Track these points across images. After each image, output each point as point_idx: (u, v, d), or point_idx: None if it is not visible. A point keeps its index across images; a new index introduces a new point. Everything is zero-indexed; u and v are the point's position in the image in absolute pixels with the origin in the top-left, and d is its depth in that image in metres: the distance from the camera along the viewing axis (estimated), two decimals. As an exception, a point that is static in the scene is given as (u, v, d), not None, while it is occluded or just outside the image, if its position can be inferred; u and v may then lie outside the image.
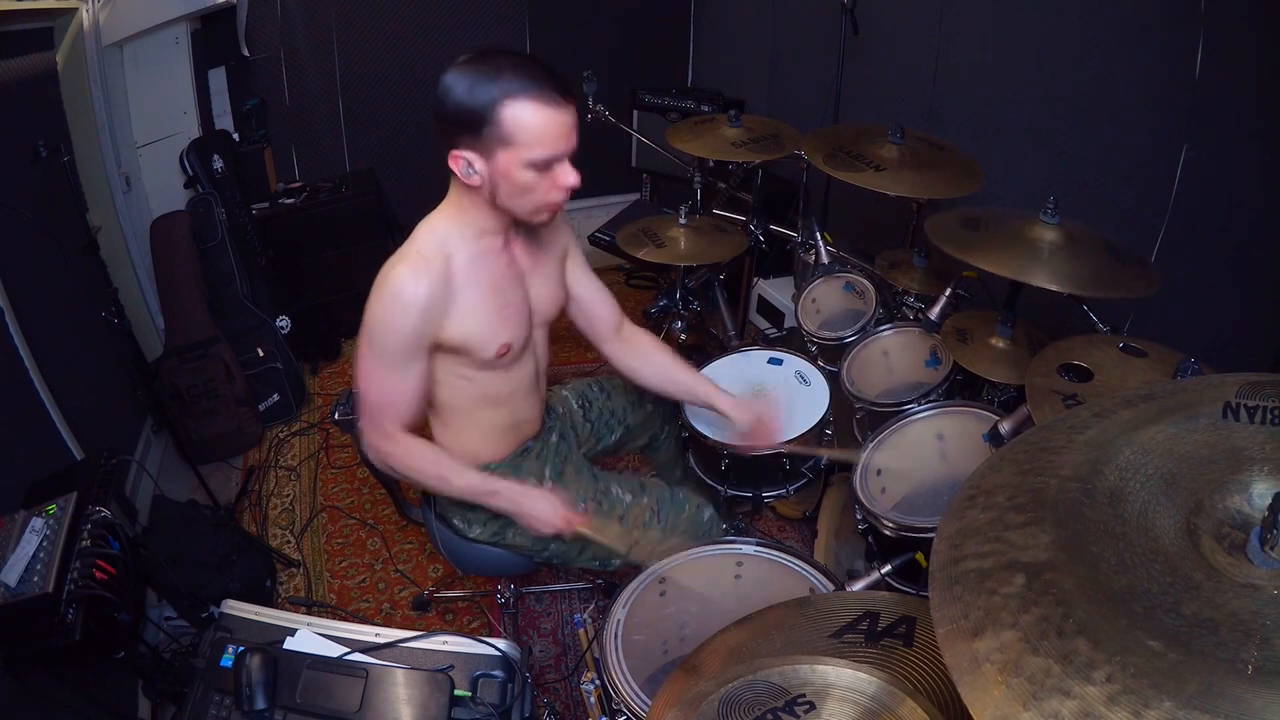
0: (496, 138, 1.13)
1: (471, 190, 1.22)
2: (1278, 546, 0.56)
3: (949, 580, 0.62)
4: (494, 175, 1.17)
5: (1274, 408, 0.68)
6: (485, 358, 1.32)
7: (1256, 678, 0.48)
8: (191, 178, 2.70)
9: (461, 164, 1.17)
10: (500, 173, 1.16)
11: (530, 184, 1.17)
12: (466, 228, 1.27)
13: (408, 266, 1.22)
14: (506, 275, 1.33)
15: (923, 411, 1.55)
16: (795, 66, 3.05)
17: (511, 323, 1.34)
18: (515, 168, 1.15)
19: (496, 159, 1.15)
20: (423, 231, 1.27)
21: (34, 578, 1.22)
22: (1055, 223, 1.40)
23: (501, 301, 1.31)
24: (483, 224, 1.27)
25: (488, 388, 1.39)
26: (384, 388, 1.28)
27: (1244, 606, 0.54)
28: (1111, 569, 0.59)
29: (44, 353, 1.87)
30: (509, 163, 1.15)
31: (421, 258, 1.23)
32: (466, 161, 1.17)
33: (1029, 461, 0.71)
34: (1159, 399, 0.74)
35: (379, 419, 1.30)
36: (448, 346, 1.29)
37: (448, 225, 1.27)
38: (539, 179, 1.17)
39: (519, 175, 1.16)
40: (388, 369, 1.26)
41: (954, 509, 0.69)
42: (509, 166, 1.15)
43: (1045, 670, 0.52)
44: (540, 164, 1.16)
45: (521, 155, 1.14)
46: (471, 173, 1.18)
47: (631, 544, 1.41)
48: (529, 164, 1.15)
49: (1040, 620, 0.55)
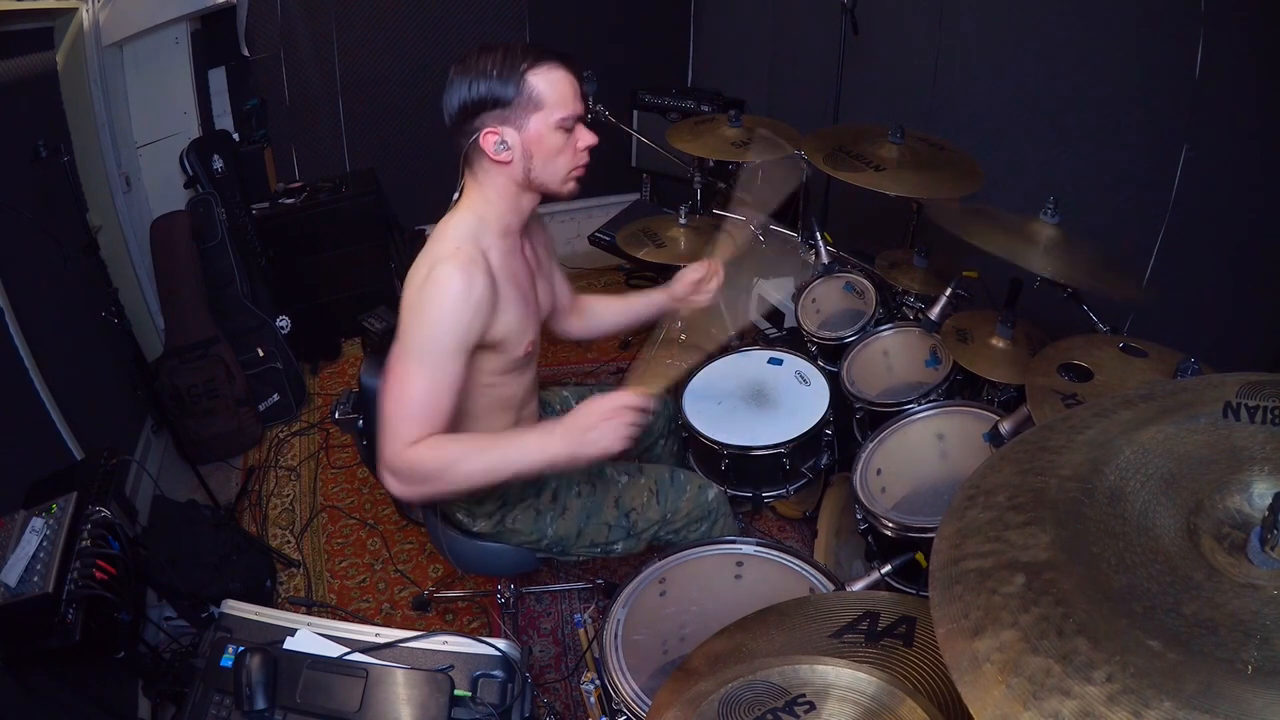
0: (528, 103, 1.20)
1: (497, 180, 1.25)
2: (1278, 546, 0.56)
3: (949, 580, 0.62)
4: (527, 144, 1.22)
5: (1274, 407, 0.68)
6: (516, 356, 1.34)
7: (1256, 678, 0.48)
8: (191, 178, 2.71)
9: (493, 141, 1.21)
10: (534, 138, 1.22)
11: (560, 146, 1.24)
12: (494, 223, 1.28)
13: (455, 264, 1.20)
14: (525, 274, 1.37)
15: (923, 411, 1.55)
16: (795, 66, 3.05)
17: (533, 321, 1.37)
18: (547, 130, 1.22)
19: (529, 126, 1.21)
20: (452, 231, 1.26)
21: (34, 578, 1.22)
22: (1055, 222, 1.40)
23: (525, 300, 1.34)
24: (507, 220, 1.30)
25: (505, 391, 1.39)
26: (424, 392, 1.21)
27: (1244, 606, 0.54)
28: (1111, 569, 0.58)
29: (44, 353, 1.87)
30: (541, 126, 1.21)
31: (464, 254, 1.22)
32: (499, 137, 1.21)
33: (1029, 461, 0.71)
34: (1159, 399, 0.73)
35: (410, 428, 1.21)
36: (489, 344, 1.28)
37: (477, 224, 1.27)
38: (566, 141, 1.25)
39: (550, 138, 1.23)
40: (433, 370, 1.21)
41: (954, 509, 0.69)
42: (541, 130, 1.22)
43: (1045, 670, 0.52)
44: (568, 123, 1.23)
45: (552, 116, 1.21)
46: (503, 148, 1.22)
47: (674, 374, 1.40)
48: (559, 124, 1.22)
49: (1040, 620, 0.55)
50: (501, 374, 1.36)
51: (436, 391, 1.22)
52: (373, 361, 1.60)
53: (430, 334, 1.21)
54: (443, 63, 1.20)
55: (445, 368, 1.22)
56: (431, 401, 1.22)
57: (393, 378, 1.23)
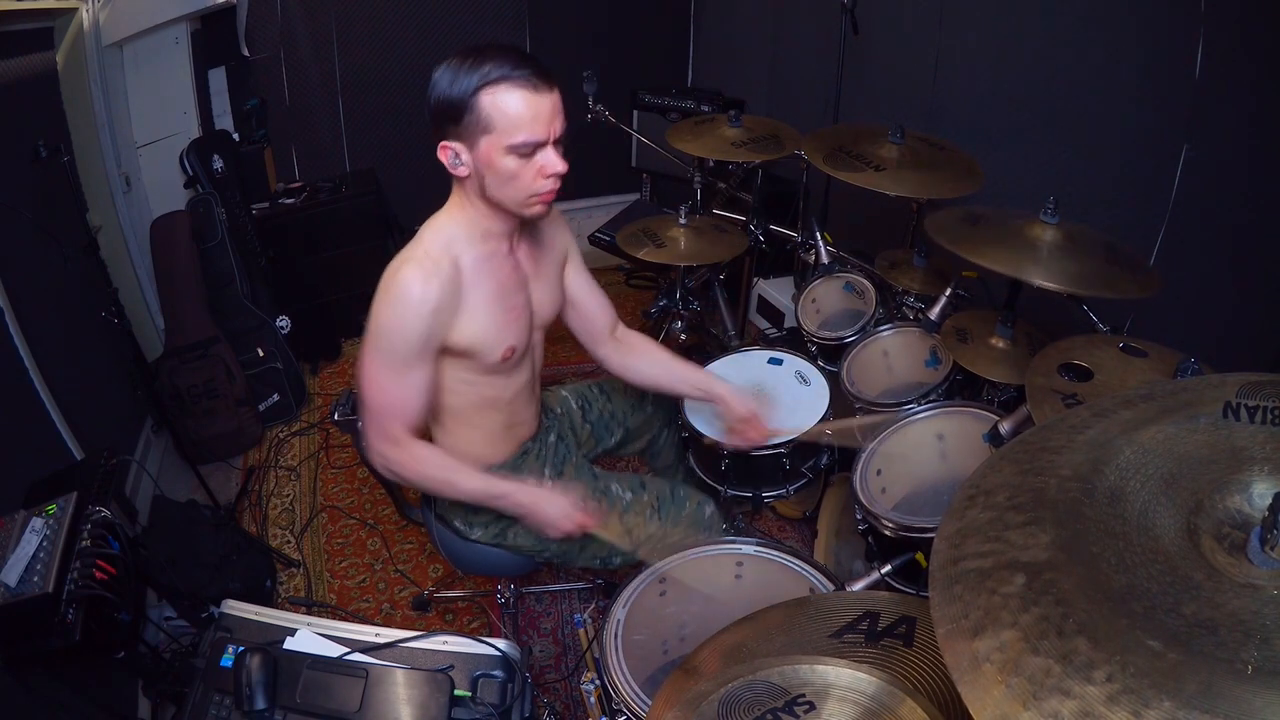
0: (477, 125, 1.15)
1: (467, 187, 1.24)
2: (1277, 547, 0.55)
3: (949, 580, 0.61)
4: (478, 164, 1.19)
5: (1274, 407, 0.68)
6: (490, 361, 1.32)
7: (1256, 678, 0.48)
8: (191, 178, 2.71)
9: (449, 155, 1.20)
10: (484, 161, 1.18)
11: (514, 171, 1.18)
12: (472, 229, 1.27)
13: (415, 268, 1.21)
14: (511, 279, 1.34)
15: (923, 411, 1.54)
16: (795, 66, 3.05)
17: (515, 326, 1.34)
18: (497, 154, 1.17)
19: (479, 147, 1.17)
20: (428, 233, 1.27)
21: (34, 578, 1.22)
22: (1055, 223, 1.40)
23: (506, 305, 1.32)
24: (486, 226, 1.28)
25: (487, 391, 1.38)
26: (391, 391, 1.26)
27: (1244, 606, 0.54)
28: (1111, 569, 0.58)
29: (44, 353, 1.87)
30: (490, 149, 1.17)
31: (429, 259, 1.22)
32: (454, 152, 1.20)
33: (1029, 461, 0.71)
34: (1159, 399, 0.73)
35: (385, 424, 1.28)
36: (454, 350, 1.28)
37: (453, 227, 1.27)
38: (522, 166, 1.18)
39: (501, 162, 1.17)
40: (395, 372, 1.24)
41: (954, 508, 0.69)
42: (490, 153, 1.17)
43: (1045, 670, 0.52)
44: (521, 149, 1.16)
45: (501, 140, 1.16)
46: (459, 163, 1.20)
47: (637, 542, 1.41)
48: (510, 149, 1.16)
49: (1040, 620, 0.55)
50: (480, 375, 1.35)
51: (401, 388, 1.26)
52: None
53: (387, 336, 1.23)
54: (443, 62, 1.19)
55: (404, 367, 1.24)
56: (398, 397, 1.26)
57: (361, 372, 1.27)
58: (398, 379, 1.25)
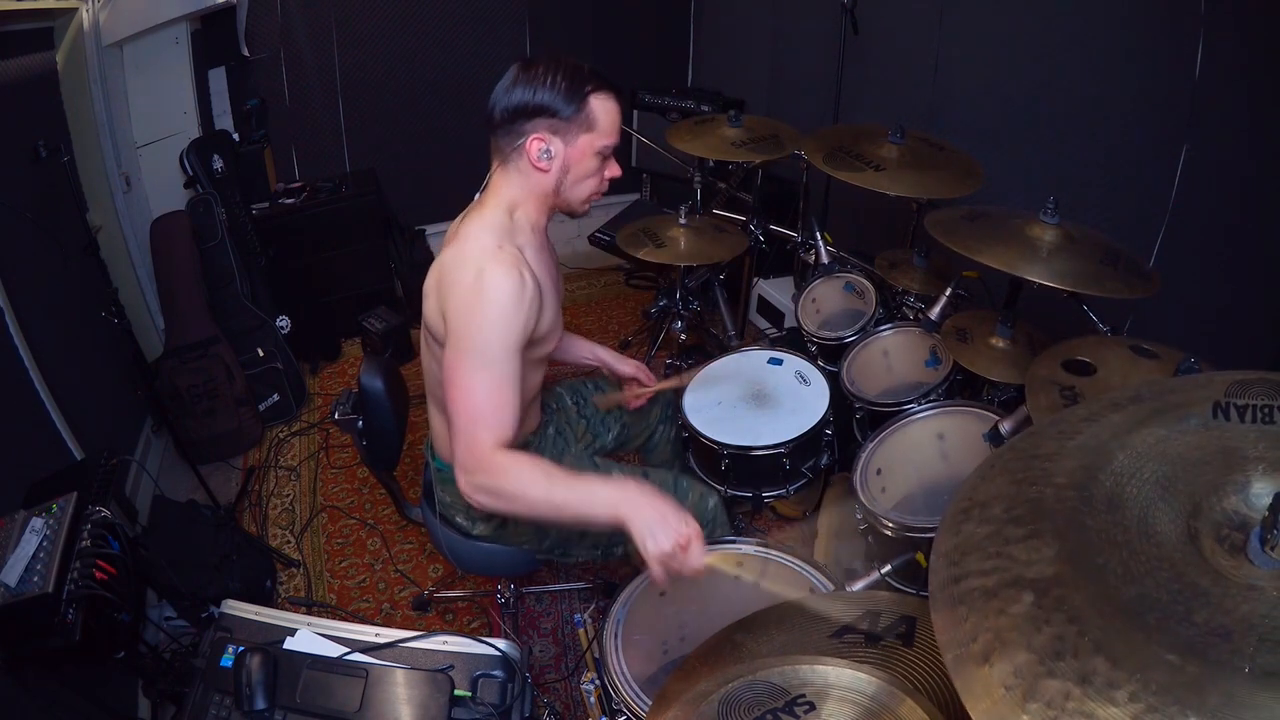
0: (584, 122, 1.25)
1: (533, 182, 1.28)
2: (1278, 547, 0.55)
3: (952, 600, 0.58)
4: (568, 159, 1.27)
5: (1263, 405, 0.67)
6: (545, 351, 1.37)
7: (1265, 679, 0.47)
8: (191, 178, 2.71)
9: (539, 148, 1.25)
10: (575, 157, 1.27)
11: (593, 170, 1.30)
12: (523, 222, 1.31)
13: (502, 265, 1.20)
14: (554, 269, 1.41)
15: (923, 411, 1.55)
16: (795, 66, 3.05)
17: (560, 314, 1.40)
18: (590, 153, 1.28)
19: (577, 143, 1.26)
20: (485, 229, 1.25)
21: (34, 578, 1.22)
22: (1055, 223, 1.40)
23: (557, 293, 1.38)
24: (534, 219, 1.34)
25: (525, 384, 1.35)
26: (495, 396, 1.19)
27: (1254, 610, 0.53)
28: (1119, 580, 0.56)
29: (44, 353, 1.87)
30: (586, 146, 1.27)
31: (506, 253, 1.22)
32: (545, 145, 1.25)
33: (1022, 470, 0.69)
34: (1147, 400, 0.72)
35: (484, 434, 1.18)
36: (533, 340, 1.29)
37: (509, 220, 1.29)
38: (598, 167, 1.31)
39: (588, 161, 1.28)
40: (498, 372, 1.20)
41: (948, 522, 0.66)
42: (584, 150, 1.27)
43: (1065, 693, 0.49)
44: (604, 151, 1.29)
45: (597, 141, 1.27)
46: (546, 156, 1.26)
47: None
48: (600, 150, 1.28)
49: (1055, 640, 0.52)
50: (527, 368, 1.33)
51: (501, 389, 1.20)
52: (373, 361, 1.60)
53: (489, 335, 1.19)
54: (443, 62, 1.21)
55: (506, 366, 1.21)
56: (499, 400, 1.20)
57: (455, 383, 1.20)
58: (498, 377, 1.20)
